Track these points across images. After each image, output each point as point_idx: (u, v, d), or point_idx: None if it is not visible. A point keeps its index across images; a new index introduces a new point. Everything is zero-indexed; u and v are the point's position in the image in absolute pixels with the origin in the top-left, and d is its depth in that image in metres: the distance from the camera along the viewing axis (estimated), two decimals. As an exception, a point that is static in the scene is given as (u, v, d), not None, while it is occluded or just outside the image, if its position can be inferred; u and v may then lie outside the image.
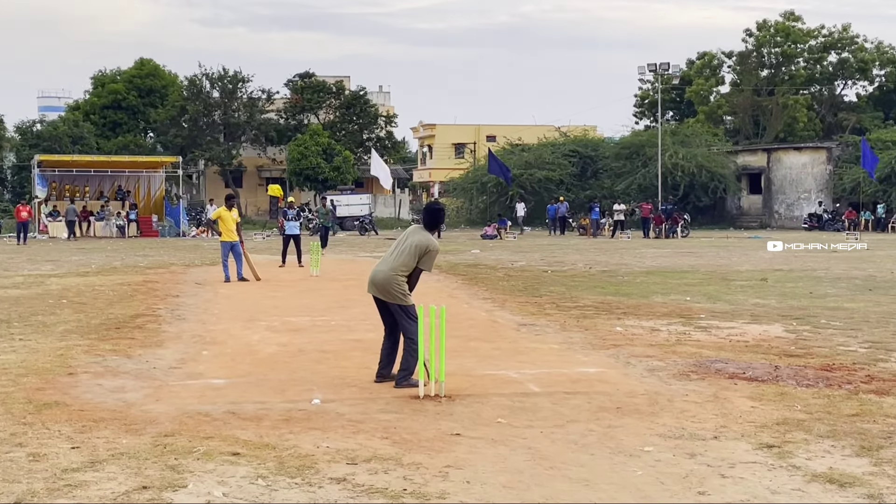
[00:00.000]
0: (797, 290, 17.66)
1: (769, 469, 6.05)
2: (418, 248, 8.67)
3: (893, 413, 7.48)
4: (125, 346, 11.01)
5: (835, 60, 64.77)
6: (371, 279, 8.85)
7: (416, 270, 8.76)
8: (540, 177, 56.63)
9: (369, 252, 31.87)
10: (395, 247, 8.91)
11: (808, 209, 54.57)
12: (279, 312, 14.55)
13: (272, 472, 5.91)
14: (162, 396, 8.21)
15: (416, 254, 8.67)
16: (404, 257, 8.69)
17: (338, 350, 10.82)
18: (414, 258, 8.67)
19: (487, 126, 78.61)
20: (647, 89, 70.23)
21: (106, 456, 6.25)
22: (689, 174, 53.53)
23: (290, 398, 8.15)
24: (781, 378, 9.00)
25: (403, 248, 8.75)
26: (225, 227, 19.92)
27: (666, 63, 56.49)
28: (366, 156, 60.90)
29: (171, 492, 5.52)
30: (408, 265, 8.68)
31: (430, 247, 8.70)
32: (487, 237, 43.06)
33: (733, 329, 12.49)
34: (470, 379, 9.00)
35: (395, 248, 8.86)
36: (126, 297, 16.47)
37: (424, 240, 8.73)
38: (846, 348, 10.81)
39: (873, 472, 5.97)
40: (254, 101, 63.40)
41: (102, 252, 31.60)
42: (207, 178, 67.59)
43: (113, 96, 63.95)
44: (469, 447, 6.59)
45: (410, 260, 8.66)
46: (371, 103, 66.78)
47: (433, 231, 8.98)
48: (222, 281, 19.48)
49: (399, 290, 8.64)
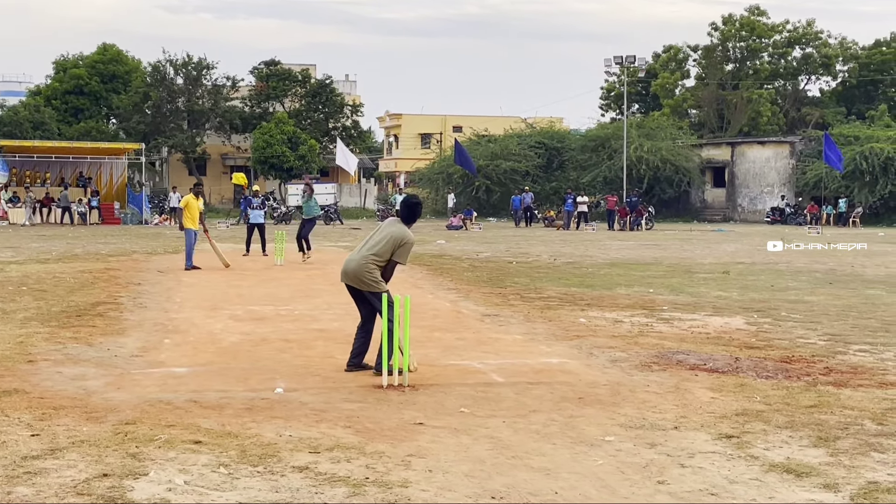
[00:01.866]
0: (759, 283, 17.84)
1: (728, 459, 6.12)
2: (394, 240, 8.68)
3: (850, 405, 7.59)
4: (86, 333, 10.92)
5: (799, 56, 65.43)
6: (344, 269, 8.85)
7: (391, 262, 8.76)
8: (506, 168, 56.69)
9: (334, 242, 31.82)
10: (369, 237, 8.93)
11: (770, 203, 55.09)
12: (242, 301, 14.49)
13: (234, 461, 5.90)
14: (123, 385, 8.16)
15: (392, 245, 8.68)
16: (379, 247, 8.70)
17: (301, 339, 10.80)
18: (389, 249, 8.68)
19: (454, 116, 78.54)
20: (613, 82, 70.53)
21: (66, 443, 6.20)
22: (653, 167, 53.87)
23: (253, 387, 8.12)
24: (741, 370, 9.09)
25: (379, 239, 8.76)
26: (190, 216, 19.88)
27: (632, 56, 56.69)
28: (331, 145, 60.64)
29: (132, 479, 5.49)
30: (382, 255, 8.68)
31: (405, 239, 8.71)
32: (453, 228, 43.08)
33: (695, 321, 12.59)
34: (434, 369, 9.02)
35: (370, 239, 8.88)
36: (87, 285, 16.32)
37: (400, 232, 8.74)
38: (806, 341, 10.94)
39: (830, 462, 6.06)
40: (218, 89, 62.89)
41: (63, 239, 31.28)
42: (171, 166, 67.02)
43: (75, 82, 63.15)
44: (432, 436, 6.61)
45: (385, 251, 8.68)
46: (337, 92, 66.47)
47: (410, 225, 8.95)
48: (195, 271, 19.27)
49: (371, 277, 8.64)
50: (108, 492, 5.28)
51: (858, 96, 65.65)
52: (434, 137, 76.71)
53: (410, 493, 5.38)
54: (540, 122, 68.35)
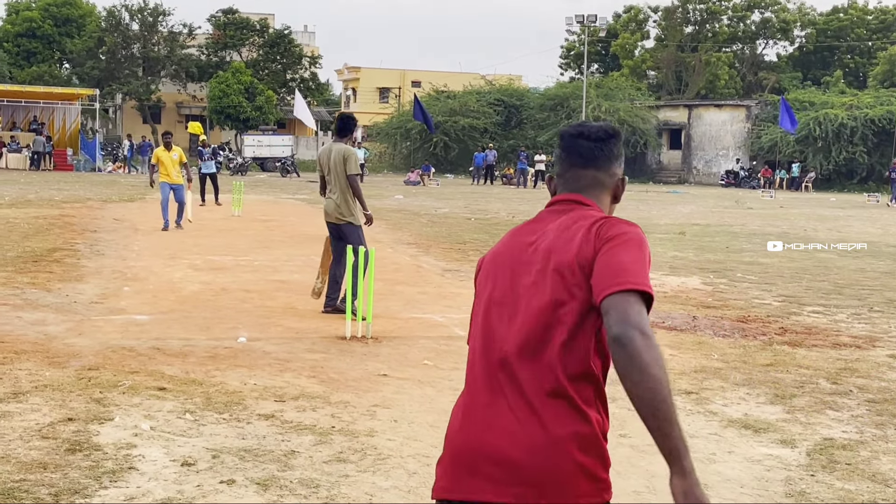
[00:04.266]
0: (714, 244, 18.05)
1: (687, 414, 6.23)
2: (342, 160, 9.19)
3: (806, 364, 7.75)
4: (44, 279, 10.81)
5: (758, 20, 65.76)
6: (325, 209, 9.47)
7: (350, 179, 9.20)
8: (464, 124, 56.58)
9: (291, 194, 31.63)
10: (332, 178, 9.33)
11: (725, 166, 55.55)
12: (201, 251, 14.39)
13: (199, 408, 5.91)
14: (84, 331, 8.10)
15: (342, 165, 9.19)
16: (340, 178, 9.20)
17: (262, 290, 10.78)
18: (343, 171, 9.18)
19: (413, 71, 78.13)
20: (573, 41, 70.45)
21: (29, 388, 6.17)
22: (610, 127, 54.00)
23: (216, 336, 8.11)
24: (699, 328, 9.24)
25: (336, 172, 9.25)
26: (164, 170, 17.66)
27: (593, 15, 56.63)
28: (289, 96, 60.07)
29: (98, 424, 5.49)
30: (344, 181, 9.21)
31: (346, 153, 9.24)
32: (410, 183, 43.00)
33: (653, 280, 12.64)
34: (396, 322, 9.07)
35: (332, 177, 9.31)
36: (42, 231, 16.11)
37: (339, 148, 9.29)
38: (761, 301, 11.12)
39: (786, 419, 6.20)
40: (174, 36, 61.97)
41: (15, 185, 30.77)
42: (125, 113, 66.09)
43: (27, 24, 61.79)
44: (396, 387, 6.66)
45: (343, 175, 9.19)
46: (296, 43, 65.76)
47: (345, 138, 9.51)
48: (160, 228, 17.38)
49: (346, 208, 9.20)
50: (73, 436, 5.27)
51: (815, 62, 66.24)
52: (393, 92, 76.28)
53: (376, 443, 5.43)
54: (499, 79, 68.18)
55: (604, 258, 2.40)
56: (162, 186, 17.63)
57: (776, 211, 30.03)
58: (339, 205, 9.23)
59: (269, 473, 4.86)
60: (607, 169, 2.69)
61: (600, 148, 2.67)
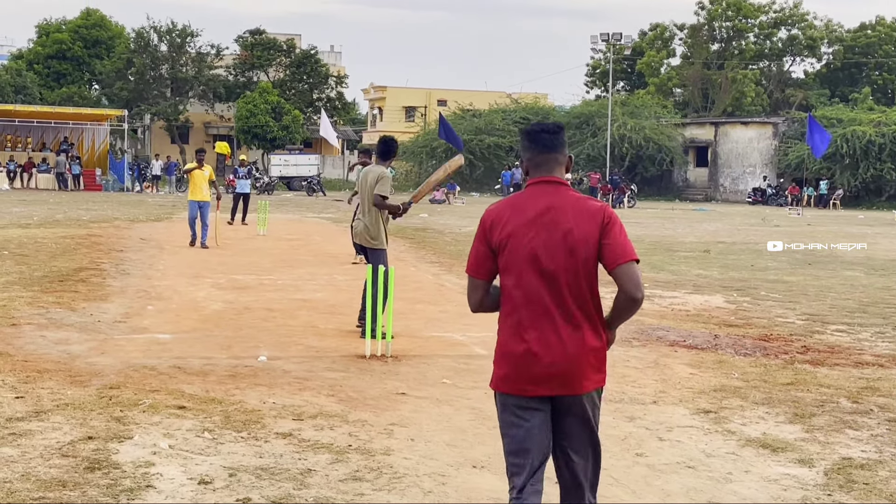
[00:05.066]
0: (739, 262, 17.98)
1: (705, 433, 6.21)
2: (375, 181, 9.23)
3: (827, 383, 7.70)
4: (69, 299, 10.92)
5: (784, 37, 65.44)
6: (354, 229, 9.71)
7: (378, 199, 9.21)
8: (489, 143, 56.65)
9: (317, 213, 31.78)
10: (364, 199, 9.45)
11: (752, 183, 55.27)
12: (225, 270, 14.50)
13: (218, 426, 5.96)
14: (107, 349, 8.19)
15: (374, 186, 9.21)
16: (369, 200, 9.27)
17: (284, 309, 10.84)
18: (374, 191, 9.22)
19: (439, 90, 78.24)
20: (599, 59, 70.41)
21: (51, 406, 6.24)
22: (636, 145, 53.96)
23: (236, 354, 8.17)
24: (720, 347, 9.20)
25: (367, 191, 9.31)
26: (194, 185, 18.15)
27: (618, 33, 56.63)
28: (315, 116, 60.42)
29: (117, 443, 5.54)
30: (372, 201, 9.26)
31: (381, 174, 9.26)
32: (436, 201, 43.09)
33: (675, 298, 12.70)
34: (416, 340, 9.10)
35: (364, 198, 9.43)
36: (69, 251, 16.28)
37: (376, 170, 9.33)
38: (784, 320, 11.07)
39: (805, 438, 6.16)
40: (202, 57, 62.44)
41: (44, 205, 31.12)
42: (153, 133, 66.59)
43: (58, 46, 62.55)
44: (414, 406, 6.68)
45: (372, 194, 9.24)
46: (322, 63, 66.11)
47: (387, 161, 9.57)
48: (187, 244, 17.97)
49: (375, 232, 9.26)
50: (93, 454, 5.33)
51: (842, 79, 65.84)
52: (418, 111, 76.46)
53: (393, 461, 5.46)
54: (525, 97, 68.23)
55: (608, 238, 3.72)
56: (191, 205, 18.13)
57: (803, 229, 29.85)
58: (369, 227, 9.29)
59: (285, 492, 4.89)
60: (562, 151, 3.87)
61: (557, 137, 3.86)
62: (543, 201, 3.75)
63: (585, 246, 3.69)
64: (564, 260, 3.70)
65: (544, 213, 3.72)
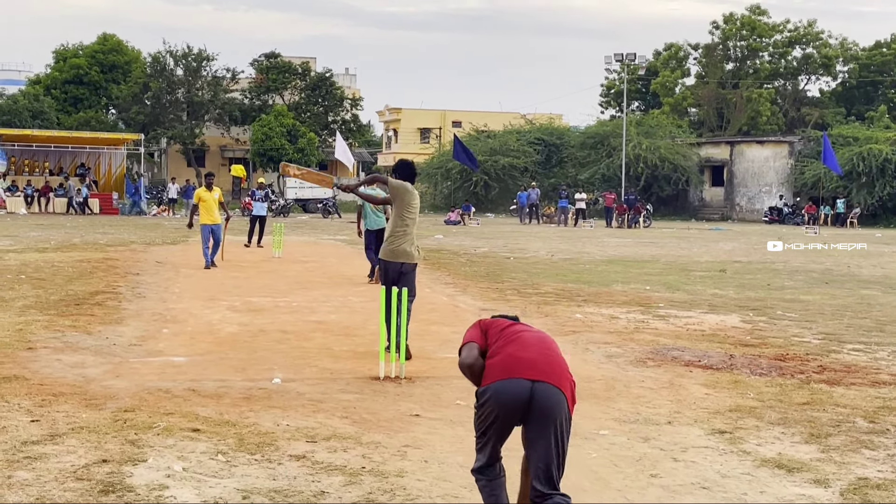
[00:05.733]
0: (755, 281, 17.91)
1: (720, 454, 6.19)
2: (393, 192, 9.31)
3: (843, 402, 7.66)
4: (85, 322, 10.97)
5: (799, 55, 65.34)
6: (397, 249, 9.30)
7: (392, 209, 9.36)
8: (504, 164, 56.74)
9: (332, 235, 31.85)
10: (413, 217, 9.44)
11: (769, 202, 55.12)
12: (240, 292, 14.54)
13: (232, 449, 5.97)
14: (122, 372, 8.22)
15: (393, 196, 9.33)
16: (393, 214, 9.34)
17: (299, 331, 10.86)
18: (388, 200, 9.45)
19: (453, 112, 78.50)
20: (613, 79, 70.48)
21: (66, 429, 6.26)
22: (651, 165, 53.94)
23: (251, 377, 8.19)
24: (736, 366, 9.16)
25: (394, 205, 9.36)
26: (205, 209, 18.42)
27: (633, 53, 56.88)
28: (331, 138, 60.66)
29: (132, 466, 5.56)
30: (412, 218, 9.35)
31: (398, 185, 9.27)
32: (451, 223, 43.14)
33: (691, 318, 12.66)
34: (430, 362, 9.09)
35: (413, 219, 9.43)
36: (86, 274, 16.36)
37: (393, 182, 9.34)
38: (800, 339, 11.01)
39: (821, 458, 6.13)
40: (218, 80, 62.90)
41: (61, 228, 31.32)
42: (169, 157, 67.06)
43: (75, 71, 63.11)
44: (428, 428, 6.67)
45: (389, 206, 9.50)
46: (337, 85, 66.46)
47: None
48: (202, 267, 18.02)
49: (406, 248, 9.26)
50: (107, 477, 5.35)
51: (858, 97, 65.66)
52: (433, 132, 76.70)
53: (406, 483, 5.45)
54: (539, 118, 68.41)
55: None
56: (203, 229, 18.35)
57: (823, 248, 29.73)
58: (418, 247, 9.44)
59: (298, 514, 4.89)
60: None
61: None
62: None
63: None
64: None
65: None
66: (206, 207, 18.46)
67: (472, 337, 4.91)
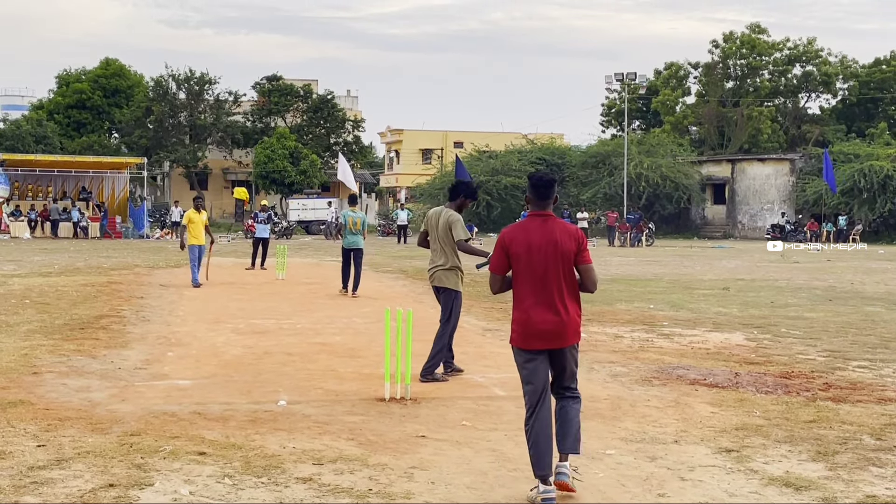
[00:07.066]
0: (759, 299, 17.90)
1: (727, 472, 6.17)
2: (447, 227, 9.46)
3: (849, 420, 7.64)
4: (90, 346, 10.98)
5: (799, 73, 65.54)
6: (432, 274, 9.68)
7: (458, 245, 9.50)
8: (506, 183, 56.80)
9: (335, 256, 31.82)
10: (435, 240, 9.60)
11: (770, 220, 55.17)
12: (245, 315, 14.55)
13: (238, 472, 5.96)
14: (127, 396, 8.22)
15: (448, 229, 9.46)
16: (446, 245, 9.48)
17: (304, 353, 10.86)
18: (449, 235, 9.44)
19: (455, 132, 78.70)
20: (614, 98, 70.73)
21: (72, 454, 6.26)
22: (653, 184, 54.01)
23: (256, 399, 8.18)
24: (741, 385, 9.15)
25: (441, 236, 9.51)
26: (194, 231, 19.31)
27: (633, 73, 56.95)
28: (333, 160, 60.80)
29: (138, 490, 5.55)
30: (450, 244, 9.48)
31: (450, 217, 9.48)
32: (453, 243, 43.09)
33: (695, 336, 12.65)
34: (435, 382, 9.08)
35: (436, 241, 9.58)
36: (90, 298, 16.38)
37: (447, 215, 9.53)
38: (805, 357, 11.00)
39: (828, 476, 6.11)
40: (220, 103, 63.10)
41: (65, 252, 31.36)
42: (172, 180, 67.19)
43: (77, 96, 63.37)
44: (434, 449, 6.67)
45: (448, 238, 9.45)
46: (339, 107, 66.68)
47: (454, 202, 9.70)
48: (191, 286, 18.79)
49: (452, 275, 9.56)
50: (114, 501, 5.34)
51: (858, 114, 65.82)
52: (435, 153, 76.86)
53: (413, 505, 5.43)
54: (541, 138, 68.53)
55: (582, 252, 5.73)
56: (191, 249, 19.36)
57: (823, 265, 29.72)
58: (447, 271, 9.54)
59: (306, 537, 4.88)
60: (553, 195, 5.83)
61: (552, 186, 5.81)
62: (541, 226, 5.73)
63: (568, 253, 5.66)
64: (555, 262, 5.65)
65: (542, 233, 5.69)
66: (195, 229, 19.38)
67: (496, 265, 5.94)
